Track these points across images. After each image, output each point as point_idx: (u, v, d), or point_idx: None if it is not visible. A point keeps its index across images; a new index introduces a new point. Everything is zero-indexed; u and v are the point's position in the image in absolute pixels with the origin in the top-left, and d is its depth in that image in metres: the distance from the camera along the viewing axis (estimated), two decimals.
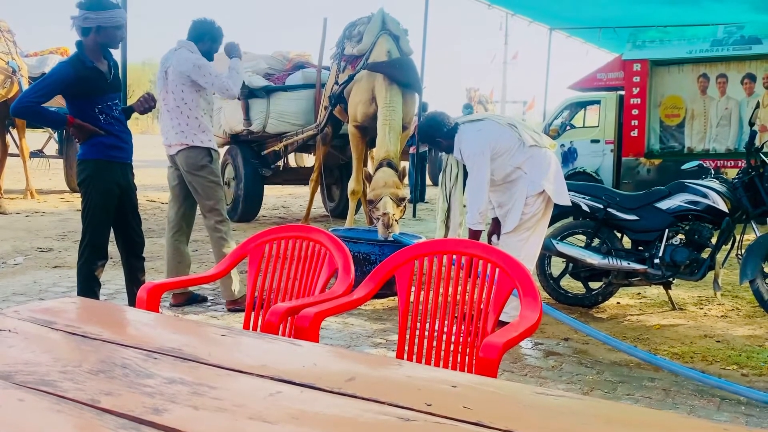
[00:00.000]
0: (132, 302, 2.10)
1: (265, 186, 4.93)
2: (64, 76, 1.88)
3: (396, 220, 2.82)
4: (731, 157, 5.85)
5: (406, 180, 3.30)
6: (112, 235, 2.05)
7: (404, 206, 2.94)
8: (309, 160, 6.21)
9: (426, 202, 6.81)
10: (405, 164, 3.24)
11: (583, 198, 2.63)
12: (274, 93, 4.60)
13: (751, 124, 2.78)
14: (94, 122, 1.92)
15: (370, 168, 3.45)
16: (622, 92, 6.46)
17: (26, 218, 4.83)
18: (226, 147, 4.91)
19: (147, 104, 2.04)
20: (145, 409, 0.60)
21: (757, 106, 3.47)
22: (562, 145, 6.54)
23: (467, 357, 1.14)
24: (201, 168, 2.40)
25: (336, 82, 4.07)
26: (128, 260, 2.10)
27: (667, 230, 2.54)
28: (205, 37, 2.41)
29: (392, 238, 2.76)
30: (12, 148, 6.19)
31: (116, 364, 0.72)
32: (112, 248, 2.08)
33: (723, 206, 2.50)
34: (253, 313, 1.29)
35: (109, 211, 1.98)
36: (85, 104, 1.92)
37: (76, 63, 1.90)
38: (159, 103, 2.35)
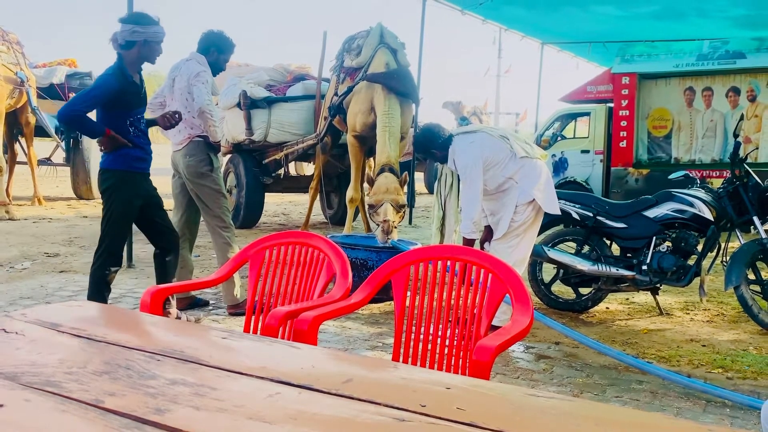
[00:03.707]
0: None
1: (265, 194, 4.99)
2: (110, 88, 1.93)
3: (395, 227, 2.86)
4: (716, 167, 5.99)
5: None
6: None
7: (404, 212, 2.99)
8: (309, 168, 6.25)
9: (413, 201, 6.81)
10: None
11: (574, 206, 2.69)
12: (275, 104, 4.67)
13: (736, 135, 2.86)
14: (124, 134, 1.97)
15: (370, 174, 3.50)
16: (611, 104, 6.58)
17: (34, 224, 4.86)
18: (228, 156, 4.95)
19: (171, 121, 2.11)
20: (148, 410, 0.61)
21: (742, 118, 3.59)
22: (554, 155, 6.65)
23: (461, 360, 1.16)
24: (202, 176, 2.43)
25: (335, 93, 4.14)
26: (162, 257, 2.12)
27: (654, 238, 2.60)
28: (211, 49, 2.46)
29: (390, 245, 2.79)
30: (20, 156, 6.23)
31: (120, 366, 0.73)
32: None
33: (708, 215, 2.57)
34: (253, 317, 1.30)
35: (128, 221, 2.03)
36: (119, 116, 1.96)
37: (119, 75, 1.94)
38: (165, 110, 2.40)
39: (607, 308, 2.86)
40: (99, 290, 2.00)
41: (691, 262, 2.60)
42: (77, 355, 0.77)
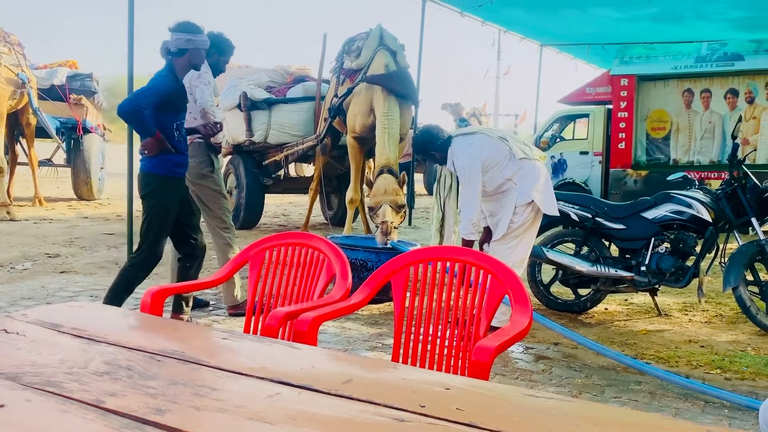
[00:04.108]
0: (177, 307, 2.19)
1: (265, 194, 5.00)
2: (166, 88, 1.98)
3: (395, 227, 2.86)
4: (715, 168, 6.01)
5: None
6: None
7: (404, 213, 2.99)
8: (308, 169, 6.27)
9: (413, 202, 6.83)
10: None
11: (573, 208, 2.70)
12: (275, 105, 4.69)
13: (734, 137, 2.86)
14: (169, 137, 2.02)
15: (369, 176, 3.51)
16: (610, 106, 6.61)
17: (34, 225, 4.88)
18: (229, 157, 4.97)
19: (214, 130, 2.20)
20: (148, 410, 0.61)
21: (740, 119, 3.60)
22: (552, 157, 6.67)
23: (460, 360, 1.16)
24: (203, 177, 2.45)
25: (335, 95, 4.16)
26: (185, 263, 2.17)
27: (653, 239, 2.61)
28: (211, 50, 2.49)
29: (390, 245, 2.80)
30: (21, 157, 6.29)
31: (120, 366, 0.73)
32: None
33: (707, 216, 2.58)
34: (253, 318, 1.31)
35: (169, 225, 2.06)
36: (168, 118, 2.01)
37: (171, 77, 2.00)
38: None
39: (606, 309, 2.87)
40: (121, 291, 2.01)
41: (689, 263, 2.61)
42: (78, 356, 0.77)
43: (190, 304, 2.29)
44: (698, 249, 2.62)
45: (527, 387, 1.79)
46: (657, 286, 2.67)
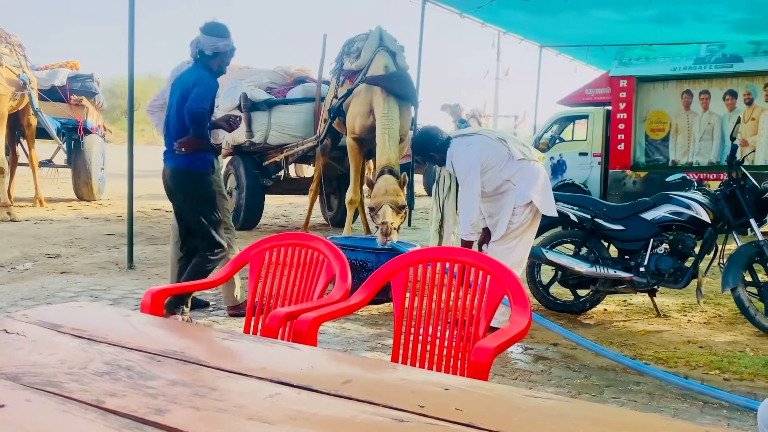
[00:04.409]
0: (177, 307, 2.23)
1: (265, 195, 5.02)
2: (216, 89, 2.10)
3: (396, 228, 2.87)
4: (713, 170, 6.02)
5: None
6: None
7: (404, 213, 3.00)
8: (308, 170, 6.28)
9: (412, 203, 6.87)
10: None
11: (572, 208, 2.70)
12: (275, 106, 4.71)
13: (733, 138, 2.87)
14: (206, 136, 2.11)
15: (370, 176, 3.52)
16: (610, 107, 6.63)
17: (35, 225, 4.89)
18: (229, 158, 4.98)
19: (235, 125, 2.28)
20: (148, 410, 0.61)
21: (738, 121, 3.59)
22: (552, 158, 6.68)
23: (459, 361, 1.17)
24: None
25: (335, 96, 4.17)
26: (188, 261, 2.23)
27: (652, 240, 2.62)
28: None
29: (389, 246, 2.80)
30: (22, 158, 6.28)
31: (120, 366, 0.73)
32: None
33: (705, 217, 2.59)
34: (253, 318, 1.31)
35: (217, 211, 2.17)
36: (207, 118, 2.10)
37: (214, 79, 2.10)
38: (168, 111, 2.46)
39: (605, 310, 2.87)
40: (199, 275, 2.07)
41: (688, 264, 2.62)
42: (78, 356, 0.77)
43: (189, 304, 2.30)
44: (697, 250, 2.63)
45: (526, 387, 1.80)
46: (656, 287, 2.68)
